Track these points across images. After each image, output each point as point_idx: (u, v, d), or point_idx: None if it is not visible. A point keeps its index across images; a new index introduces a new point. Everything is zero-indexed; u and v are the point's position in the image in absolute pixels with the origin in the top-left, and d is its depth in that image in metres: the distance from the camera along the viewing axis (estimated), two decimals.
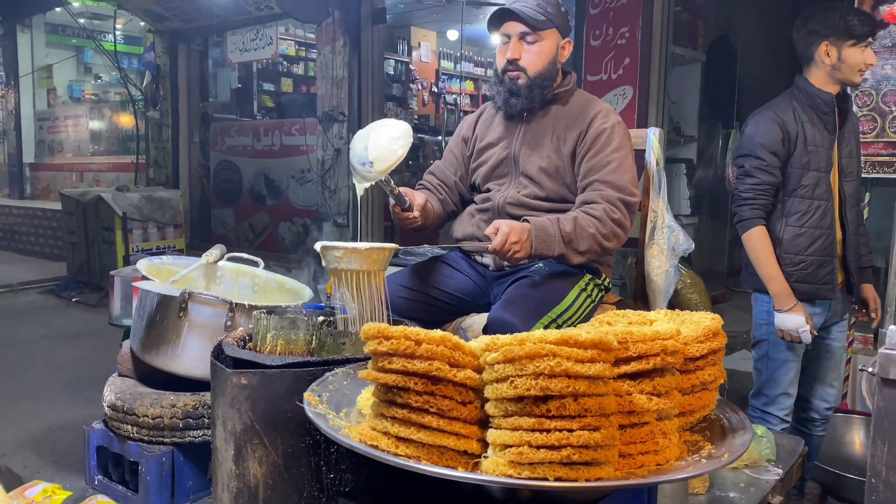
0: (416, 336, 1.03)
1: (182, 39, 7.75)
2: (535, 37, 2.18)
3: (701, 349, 1.24)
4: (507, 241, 1.93)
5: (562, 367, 0.95)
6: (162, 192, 6.90)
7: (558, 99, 2.27)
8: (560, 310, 2.03)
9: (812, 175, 2.43)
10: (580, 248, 2.05)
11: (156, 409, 1.82)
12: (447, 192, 2.43)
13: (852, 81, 2.47)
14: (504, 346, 0.99)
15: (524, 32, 2.17)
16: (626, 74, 4.54)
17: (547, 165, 2.22)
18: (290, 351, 1.63)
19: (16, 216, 8.83)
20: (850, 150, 2.55)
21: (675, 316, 1.39)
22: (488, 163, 2.33)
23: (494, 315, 1.97)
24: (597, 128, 2.18)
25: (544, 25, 2.17)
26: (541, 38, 2.18)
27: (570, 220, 2.06)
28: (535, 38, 2.18)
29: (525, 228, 1.99)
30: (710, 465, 1.08)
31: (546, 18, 2.16)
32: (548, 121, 2.27)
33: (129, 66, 9.44)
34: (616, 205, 2.09)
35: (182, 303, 1.82)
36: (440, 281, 2.24)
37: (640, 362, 1.10)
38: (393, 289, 2.11)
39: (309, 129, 6.53)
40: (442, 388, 1.03)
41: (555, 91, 2.26)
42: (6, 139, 10.20)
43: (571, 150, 2.20)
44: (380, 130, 1.88)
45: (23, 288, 6.96)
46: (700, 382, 1.24)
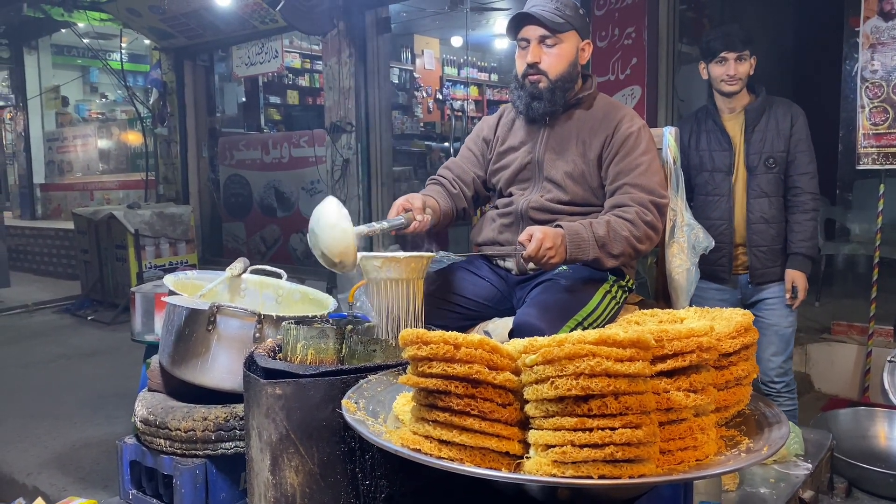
0: (455, 340, 1.04)
1: (188, 56, 7.80)
2: (554, 39, 2.17)
3: (734, 345, 1.25)
4: (541, 247, 1.93)
5: (602, 367, 0.97)
6: (173, 208, 6.95)
7: (581, 103, 2.27)
8: (586, 312, 2.04)
9: (704, 175, 2.87)
10: (614, 251, 2.04)
11: (188, 422, 1.84)
12: (462, 187, 2.40)
13: (722, 91, 2.90)
14: (543, 348, 1.00)
15: (543, 36, 2.17)
16: (633, 74, 4.55)
17: (572, 170, 2.21)
18: (321, 360, 1.64)
19: (28, 237, 8.89)
20: (762, 147, 2.83)
21: (705, 313, 1.40)
22: (510, 167, 2.32)
23: (521, 319, 1.97)
24: (623, 131, 2.18)
25: (563, 28, 2.17)
26: (560, 41, 2.18)
27: (602, 223, 2.05)
28: (554, 41, 2.17)
29: (558, 234, 1.99)
30: (750, 458, 1.08)
31: (565, 21, 2.16)
32: (572, 125, 2.26)
33: (135, 84, 9.51)
34: (647, 207, 2.09)
35: (211, 316, 1.84)
36: (461, 287, 2.25)
37: (677, 360, 1.10)
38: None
39: (317, 140, 6.57)
40: (482, 391, 1.04)
41: (577, 95, 2.25)
42: (16, 160, 10.29)
43: (598, 154, 2.20)
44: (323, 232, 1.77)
45: (38, 308, 7.00)
46: (734, 378, 1.25)
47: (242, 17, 6.62)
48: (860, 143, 3.44)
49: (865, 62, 3.41)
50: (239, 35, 7.01)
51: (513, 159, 2.33)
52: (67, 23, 8.51)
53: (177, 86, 7.81)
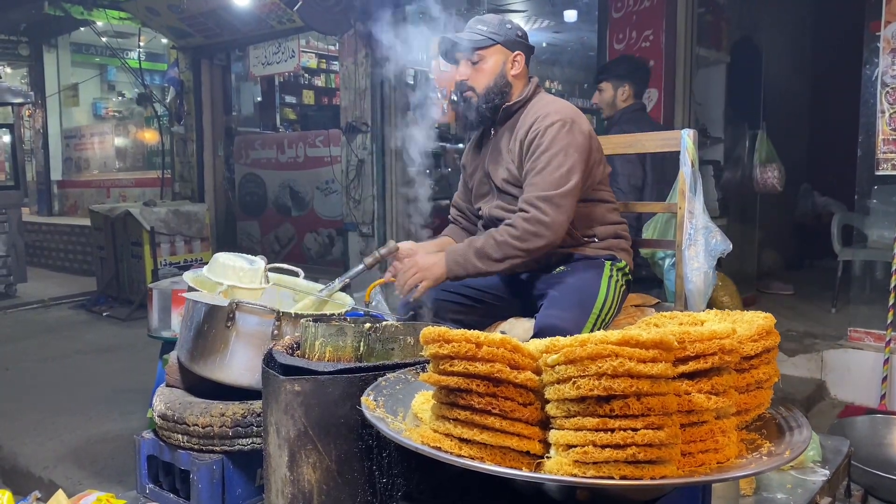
0: (477, 339, 1.04)
1: (205, 55, 7.85)
2: (477, 56, 2.27)
3: (755, 348, 1.24)
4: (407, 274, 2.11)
5: (624, 367, 0.96)
6: (188, 206, 6.99)
7: (519, 109, 2.33)
8: (600, 303, 2.10)
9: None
10: (495, 255, 2.12)
11: (205, 418, 1.85)
12: (466, 219, 2.57)
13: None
14: (565, 348, 1.00)
15: (467, 55, 2.28)
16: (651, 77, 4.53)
17: (507, 176, 2.29)
18: (339, 357, 1.65)
19: (45, 233, 8.97)
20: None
21: (727, 315, 1.39)
22: (474, 186, 2.46)
23: (543, 322, 2.01)
24: (536, 129, 2.21)
25: (483, 44, 2.27)
26: (483, 57, 2.27)
27: (486, 234, 2.18)
28: (478, 58, 2.27)
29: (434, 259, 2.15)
30: (772, 462, 1.08)
31: (485, 37, 2.27)
32: (505, 132, 2.34)
33: (152, 83, 9.59)
34: (532, 204, 2.12)
35: (230, 312, 1.85)
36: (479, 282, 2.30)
37: (699, 361, 1.10)
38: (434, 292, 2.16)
39: (332, 140, 6.59)
40: (503, 390, 1.04)
41: (513, 102, 2.32)
42: (34, 157, 10.39)
43: (520, 157, 2.25)
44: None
45: (54, 303, 7.06)
46: (755, 381, 1.24)
47: (260, 16, 6.66)
48: (879, 148, 3.41)
49: (886, 67, 3.39)
50: (256, 35, 7.05)
51: (473, 178, 2.46)
52: (87, 21, 8.59)
53: (194, 85, 7.86)
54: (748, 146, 5.36)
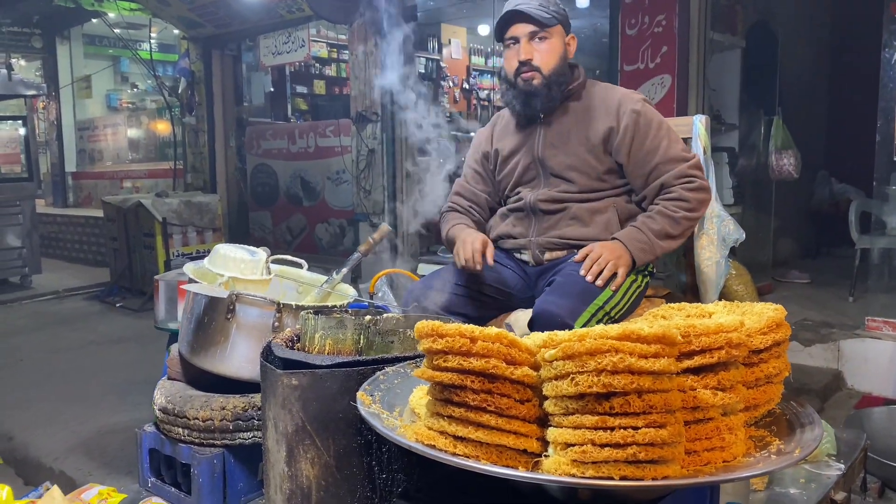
0: (472, 333, 1.00)
1: (216, 45, 7.83)
2: (544, 34, 2.18)
3: (765, 341, 1.19)
4: (601, 262, 2.02)
5: (625, 363, 0.92)
6: (200, 197, 6.99)
7: (573, 95, 2.26)
8: (607, 296, 2.03)
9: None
10: (675, 233, 2.10)
11: (206, 411, 1.82)
12: (479, 211, 2.44)
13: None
14: (563, 343, 0.96)
15: (533, 32, 2.17)
16: (663, 63, 4.45)
17: (575, 162, 2.21)
18: (339, 350, 1.62)
19: (60, 224, 9.02)
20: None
21: (735, 307, 1.34)
22: (515, 172, 2.33)
23: (541, 307, 1.96)
24: (629, 114, 2.16)
25: (551, 22, 2.17)
26: (549, 36, 2.18)
27: (654, 215, 2.11)
28: (544, 36, 2.18)
29: (616, 245, 2.07)
30: (781, 461, 1.03)
31: (551, 16, 2.18)
32: (569, 118, 2.25)
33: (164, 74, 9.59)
34: (687, 175, 2.12)
35: (230, 304, 1.83)
36: (486, 275, 2.22)
37: (704, 356, 1.06)
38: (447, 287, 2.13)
39: (343, 130, 6.55)
40: (499, 387, 1.00)
41: (574, 86, 2.25)
42: (49, 149, 10.45)
43: (602, 141, 2.18)
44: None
45: (68, 294, 7.10)
46: (765, 375, 1.20)
47: (269, 5, 6.62)
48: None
49: None
50: (266, 24, 7.02)
51: (515, 164, 2.33)
52: (98, 13, 8.60)
53: (205, 75, 7.85)
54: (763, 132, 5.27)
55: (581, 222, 2.20)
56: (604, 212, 2.20)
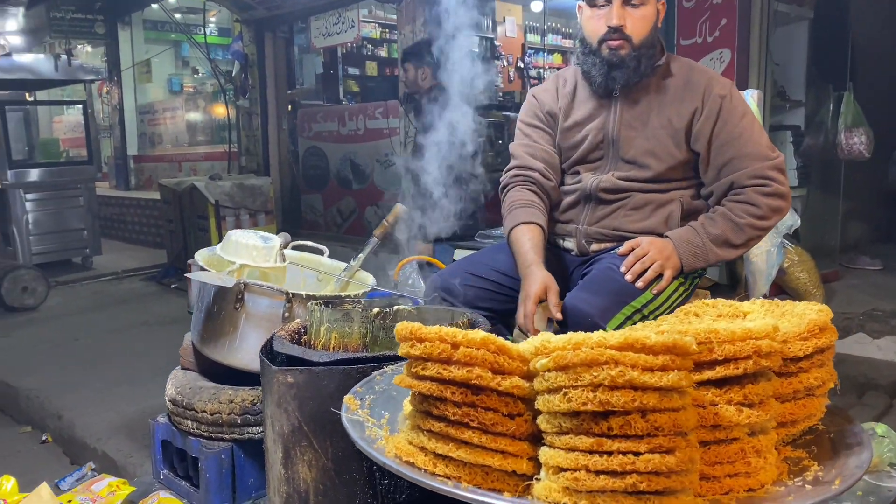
0: (453, 338, 0.88)
1: (268, 28, 7.83)
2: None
3: (804, 348, 1.03)
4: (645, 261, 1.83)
5: (625, 378, 0.79)
6: (253, 180, 7.03)
7: (657, 70, 1.98)
8: (645, 299, 1.83)
9: None
10: (737, 241, 1.87)
11: (213, 404, 1.76)
12: (554, 175, 2.11)
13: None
14: (556, 352, 0.83)
15: None
16: (722, 36, 4.18)
17: (654, 147, 1.96)
18: (345, 345, 1.52)
19: (121, 206, 9.25)
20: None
21: (774, 307, 1.18)
22: (579, 147, 2.06)
23: (570, 303, 1.79)
24: (715, 98, 1.91)
25: None
26: (646, 2, 1.91)
27: (717, 218, 1.88)
28: (640, 1, 1.90)
29: (666, 245, 1.87)
30: (815, 494, 0.88)
31: None
32: (650, 96, 1.98)
33: (221, 58, 9.69)
34: (765, 177, 1.87)
35: (238, 294, 1.75)
36: (511, 267, 2.04)
37: (728, 367, 0.91)
38: (461, 277, 1.98)
39: (391, 111, 6.47)
40: (484, 399, 0.88)
41: (657, 62, 1.97)
42: (112, 133, 10.71)
43: (686, 125, 1.94)
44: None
45: (126, 275, 7.26)
46: (804, 387, 1.04)
47: None
48: None
49: None
50: (317, 5, 6.96)
51: (581, 138, 2.05)
52: None
53: (257, 58, 7.86)
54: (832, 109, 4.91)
55: (640, 214, 1.98)
56: (667, 205, 1.97)
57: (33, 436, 3.95)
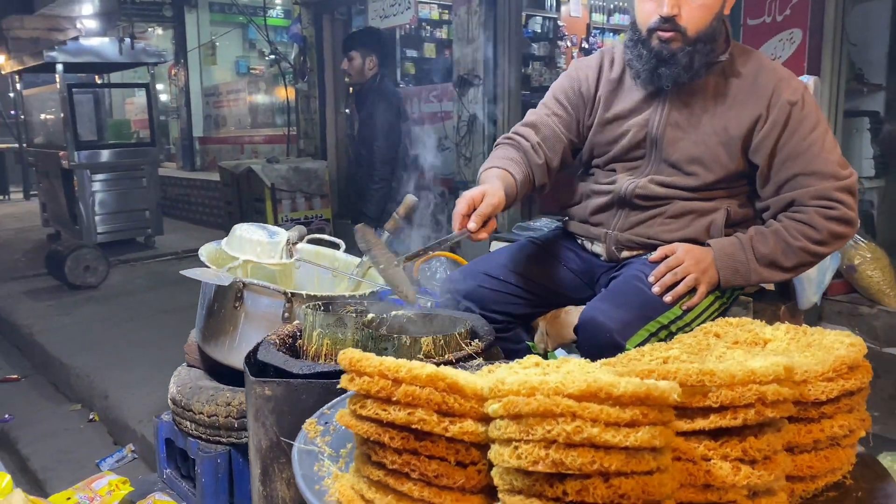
0: (395, 373, 0.76)
1: (326, 9, 7.79)
2: None
3: (828, 390, 0.87)
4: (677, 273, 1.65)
5: (583, 435, 0.65)
6: (309, 163, 7.04)
7: (716, 66, 1.75)
8: (674, 315, 1.64)
9: None
10: (786, 264, 1.68)
11: (211, 406, 1.70)
12: (547, 155, 1.87)
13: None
14: (507, 396, 0.71)
15: None
16: (793, 15, 3.88)
17: (703, 154, 1.73)
18: (337, 353, 1.42)
19: (186, 187, 9.46)
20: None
21: (801, 335, 1.01)
22: (618, 144, 1.84)
23: (588, 314, 1.62)
24: (783, 104, 1.67)
25: None
26: None
27: (768, 235, 1.68)
28: None
29: (705, 255, 1.68)
30: None
31: None
32: (705, 96, 1.75)
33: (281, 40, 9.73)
34: (832, 199, 1.65)
35: (237, 292, 1.68)
36: (530, 269, 1.91)
37: (724, 416, 0.76)
38: (476, 278, 1.85)
39: (445, 94, 6.34)
40: (429, 446, 0.76)
41: (720, 55, 1.73)
42: (179, 115, 10.95)
43: (745, 133, 1.70)
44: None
45: (186, 255, 7.40)
46: (826, 437, 0.88)
47: None
48: None
49: None
50: None
51: (620, 134, 1.83)
52: None
53: (316, 40, 7.84)
54: None
55: (679, 223, 1.77)
56: (710, 213, 1.77)
57: (82, 414, 4.05)
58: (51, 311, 5.71)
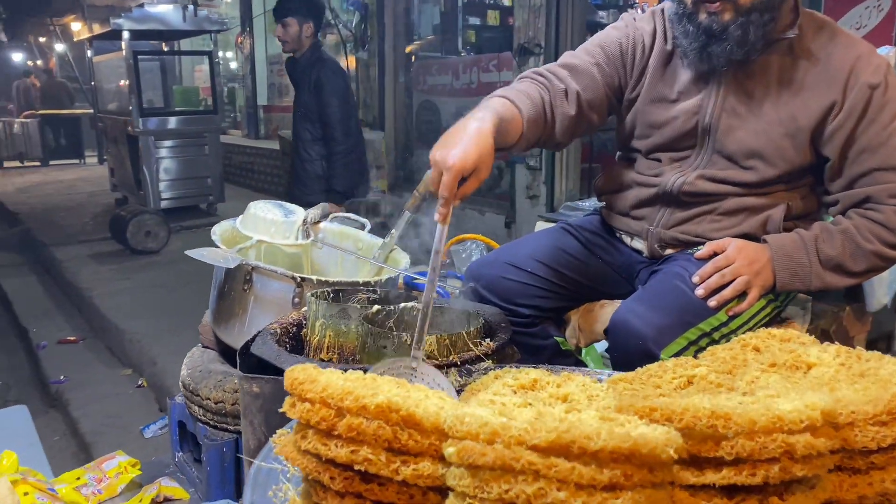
0: (340, 401, 0.64)
1: None
2: None
3: (880, 437, 0.71)
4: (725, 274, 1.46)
5: (547, 500, 0.53)
6: (365, 134, 6.97)
7: (779, 42, 1.50)
8: (718, 321, 1.46)
9: None
10: (854, 269, 1.48)
11: (218, 392, 1.63)
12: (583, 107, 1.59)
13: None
14: (464, 441, 0.58)
15: None
16: None
17: (763, 146, 1.51)
18: (341, 346, 1.32)
19: (249, 155, 9.55)
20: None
21: (854, 361, 0.84)
22: (664, 128, 1.60)
23: (621, 317, 1.45)
24: (862, 88, 1.44)
25: None
26: None
27: (836, 235, 1.48)
28: None
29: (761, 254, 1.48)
30: None
31: None
32: (769, 78, 1.51)
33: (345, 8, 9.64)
34: None
35: (246, 275, 1.59)
36: (562, 261, 1.72)
37: (740, 471, 0.62)
38: (499, 268, 1.69)
39: (505, 64, 6.14)
40: (376, 490, 0.64)
41: (783, 32, 1.48)
42: (245, 83, 11.04)
43: (814, 124, 1.48)
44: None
45: None
46: (876, 493, 0.72)
47: None
48: None
49: None
50: None
51: (667, 119, 1.59)
52: None
53: (377, 8, 7.72)
54: None
55: (732, 220, 1.58)
56: (768, 209, 1.56)
57: (132, 379, 4.13)
58: (112, 275, 5.86)
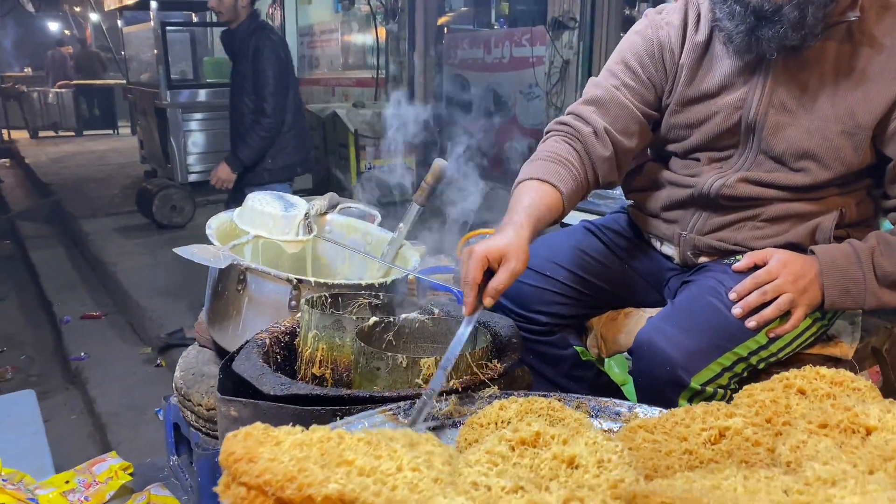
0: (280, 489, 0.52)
1: None
2: None
3: None
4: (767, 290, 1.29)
5: None
6: None
7: (837, 27, 1.32)
8: (756, 344, 1.30)
9: None
10: None
11: (210, 399, 1.53)
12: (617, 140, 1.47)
13: None
14: None
15: None
16: None
17: (817, 146, 1.35)
18: (335, 359, 1.20)
19: None
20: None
21: None
22: (703, 127, 1.45)
23: (645, 336, 1.31)
24: None
25: None
26: None
27: (894, 247, 1.31)
28: None
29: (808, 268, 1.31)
30: None
31: None
32: (824, 68, 1.34)
33: None
34: None
35: (240, 275, 1.48)
36: (584, 265, 1.59)
37: None
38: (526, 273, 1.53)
39: (538, 38, 5.92)
40: None
41: (842, 15, 1.30)
42: None
43: (876, 120, 1.32)
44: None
45: None
46: None
47: None
48: None
49: None
50: None
51: (707, 116, 1.44)
52: None
53: None
54: None
55: (777, 228, 1.42)
56: (818, 215, 1.41)
57: (151, 357, 4.09)
58: (137, 250, 5.85)
